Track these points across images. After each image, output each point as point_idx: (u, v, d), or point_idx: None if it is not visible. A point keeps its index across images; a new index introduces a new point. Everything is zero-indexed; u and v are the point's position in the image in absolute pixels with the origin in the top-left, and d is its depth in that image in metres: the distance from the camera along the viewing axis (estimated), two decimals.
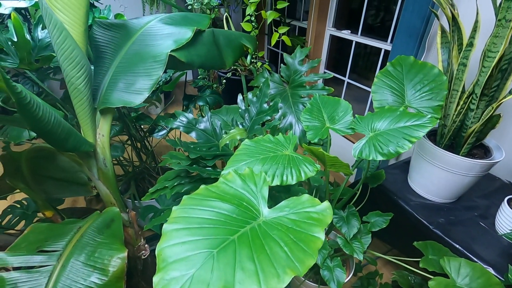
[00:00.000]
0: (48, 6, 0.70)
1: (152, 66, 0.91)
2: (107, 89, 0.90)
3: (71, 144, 0.76)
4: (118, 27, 1.04)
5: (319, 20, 2.50)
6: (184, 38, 0.98)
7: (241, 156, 0.77)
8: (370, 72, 2.27)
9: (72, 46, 0.75)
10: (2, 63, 1.08)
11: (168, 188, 0.98)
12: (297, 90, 1.30)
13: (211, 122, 1.04)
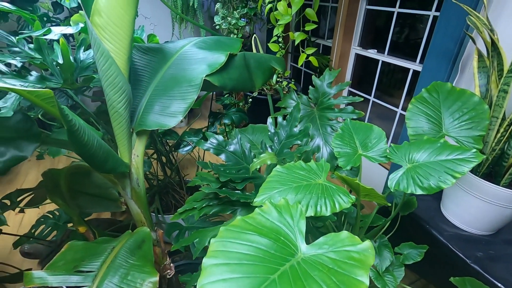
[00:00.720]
0: (97, 36, 0.75)
1: (187, 90, 0.93)
2: (144, 111, 0.94)
3: (109, 165, 0.79)
4: (155, 51, 1.09)
5: (345, 38, 2.50)
6: (218, 62, 1.00)
7: (273, 184, 0.76)
8: (396, 91, 2.23)
9: (116, 73, 0.78)
10: (47, 83, 1.15)
11: (196, 209, 0.98)
12: (325, 113, 1.29)
13: (241, 145, 1.05)
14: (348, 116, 1.21)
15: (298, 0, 1.51)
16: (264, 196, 0.73)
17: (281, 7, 1.57)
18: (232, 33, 2.24)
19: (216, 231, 0.94)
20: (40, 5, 2.62)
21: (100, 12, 0.74)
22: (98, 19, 0.74)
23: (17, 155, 0.62)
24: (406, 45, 2.11)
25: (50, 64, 1.22)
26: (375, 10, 2.29)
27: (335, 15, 2.58)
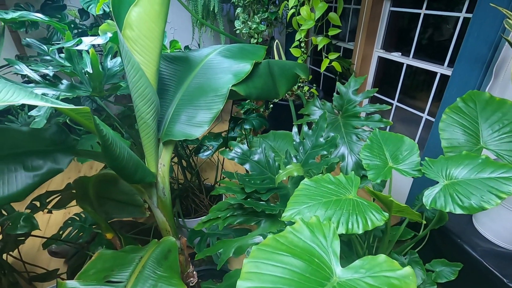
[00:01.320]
0: (128, 49, 0.76)
1: (213, 100, 0.93)
2: (170, 121, 0.94)
3: (138, 176, 0.80)
4: (180, 60, 1.10)
5: (367, 41, 2.43)
6: (244, 71, 1.00)
7: (301, 198, 0.75)
8: (422, 95, 2.14)
9: (146, 84, 0.79)
10: (77, 91, 1.19)
11: (221, 219, 0.98)
12: (350, 120, 1.26)
13: (265, 154, 1.04)
14: (375, 125, 1.17)
15: (321, 5, 1.49)
16: (292, 211, 0.72)
17: (304, 12, 1.55)
18: (253, 37, 2.23)
19: (240, 242, 0.93)
20: (68, 12, 2.72)
21: (132, 26, 0.75)
22: (129, 32, 0.75)
23: (54, 167, 0.63)
24: (433, 48, 2.03)
25: (80, 72, 1.25)
26: (400, 12, 2.22)
27: (356, 17, 2.52)
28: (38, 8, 2.72)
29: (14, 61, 1.15)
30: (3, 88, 0.48)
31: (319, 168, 0.93)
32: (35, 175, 0.60)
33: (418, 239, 0.93)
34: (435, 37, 2.01)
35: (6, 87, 0.48)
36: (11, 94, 0.46)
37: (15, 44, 3.08)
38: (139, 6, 0.73)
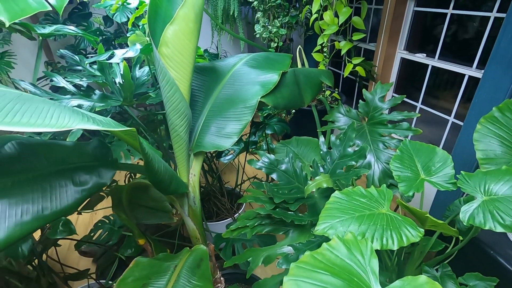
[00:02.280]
0: (163, 65, 0.78)
1: (243, 111, 0.95)
2: (201, 132, 0.97)
3: (173, 187, 0.82)
4: (208, 71, 1.12)
5: (390, 42, 2.38)
6: (271, 82, 1.01)
7: (333, 211, 0.75)
8: (448, 98, 2.08)
9: (179, 99, 0.82)
10: (109, 101, 1.24)
11: (249, 227, 1.00)
12: (377, 128, 1.24)
13: (292, 164, 1.05)
14: (403, 133, 1.15)
15: (345, 10, 1.47)
16: (325, 225, 0.72)
17: (327, 17, 1.54)
18: (273, 41, 2.24)
19: (269, 251, 0.95)
20: (93, 20, 2.82)
21: (167, 43, 0.77)
22: (165, 49, 0.78)
23: (99, 182, 0.67)
24: (460, 49, 1.96)
25: (111, 83, 1.31)
26: (425, 12, 2.16)
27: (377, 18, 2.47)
28: (66, 16, 2.84)
29: (52, 74, 1.22)
30: (60, 113, 0.51)
31: (348, 179, 0.93)
32: (83, 190, 0.64)
33: (452, 253, 0.91)
34: (463, 37, 1.94)
35: (62, 112, 0.51)
36: (68, 119, 0.49)
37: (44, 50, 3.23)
38: (174, 25, 0.76)
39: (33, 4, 0.65)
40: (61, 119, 0.49)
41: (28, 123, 0.45)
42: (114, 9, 1.27)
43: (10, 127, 0.43)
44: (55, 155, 0.70)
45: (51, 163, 0.67)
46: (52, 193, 0.60)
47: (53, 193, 0.61)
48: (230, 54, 3.74)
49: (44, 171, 0.63)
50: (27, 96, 0.54)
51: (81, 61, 1.47)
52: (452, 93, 2.04)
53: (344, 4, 1.52)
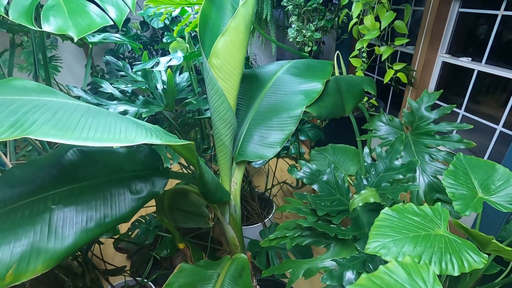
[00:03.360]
0: (213, 76, 0.79)
1: (286, 121, 0.94)
2: (243, 141, 0.97)
3: (218, 196, 0.83)
4: (249, 78, 1.12)
5: (430, 45, 2.27)
6: (315, 92, 0.99)
7: (385, 229, 0.72)
8: (494, 104, 1.94)
9: (227, 109, 0.83)
10: (151, 107, 1.28)
11: (288, 238, 0.98)
12: (422, 139, 1.18)
13: (334, 175, 1.02)
14: (453, 145, 1.08)
15: (388, 14, 1.42)
16: (376, 244, 0.69)
17: (368, 22, 1.49)
18: (306, 45, 2.21)
19: (310, 264, 0.93)
20: (131, 25, 2.95)
21: (218, 54, 0.78)
22: (215, 60, 0.79)
23: (153, 191, 0.69)
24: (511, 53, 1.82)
25: (153, 89, 1.35)
26: (471, 13, 2.03)
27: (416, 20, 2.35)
28: None
29: (100, 80, 1.28)
30: (126, 127, 0.53)
31: (396, 194, 0.89)
32: (138, 198, 0.66)
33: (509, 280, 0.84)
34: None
35: (128, 126, 0.53)
36: (134, 134, 0.51)
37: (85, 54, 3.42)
38: (226, 36, 0.77)
39: (98, 19, 0.69)
40: (128, 133, 0.51)
41: (101, 138, 0.47)
42: (162, 19, 1.31)
43: (87, 142, 0.45)
44: (111, 162, 0.74)
45: (109, 170, 0.69)
46: (112, 201, 0.63)
47: (113, 200, 0.63)
48: (260, 58, 3.75)
49: (104, 178, 0.66)
50: (94, 110, 0.57)
51: (124, 66, 1.53)
52: (501, 99, 1.90)
53: (386, 8, 1.47)
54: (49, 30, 0.62)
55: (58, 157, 0.70)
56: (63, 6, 0.66)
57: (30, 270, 0.50)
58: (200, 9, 1.11)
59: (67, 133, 0.45)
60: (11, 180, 0.63)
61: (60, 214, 0.56)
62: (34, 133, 0.42)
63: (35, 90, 0.58)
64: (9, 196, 0.59)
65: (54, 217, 0.55)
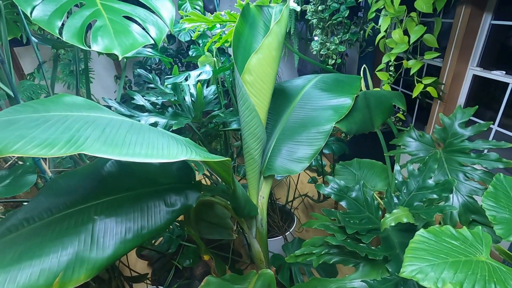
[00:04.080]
0: (245, 92, 0.81)
1: (315, 136, 0.94)
2: (271, 155, 0.98)
3: (246, 211, 0.84)
4: (277, 92, 1.13)
5: (460, 58, 2.20)
6: (345, 107, 0.98)
7: (421, 252, 0.69)
8: None
9: (257, 124, 0.84)
10: (180, 118, 1.32)
11: (315, 255, 0.97)
12: (456, 156, 1.13)
13: (363, 192, 1.00)
14: (490, 164, 1.03)
15: (417, 29, 1.40)
16: (413, 268, 0.66)
17: (396, 35, 1.48)
18: (330, 58, 2.21)
19: (338, 283, 0.91)
20: None
21: (251, 71, 0.80)
22: (248, 77, 0.81)
23: (186, 204, 0.71)
24: None
25: (182, 101, 1.39)
26: (504, 26, 1.95)
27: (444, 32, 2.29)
28: None
29: (133, 93, 1.34)
30: (168, 143, 0.55)
31: (430, 215, 0.86)
32: (173, 211, 0.68)
33: None
34: None
35: (169, 141, 0.55)
36: (175, 150, 0.53)
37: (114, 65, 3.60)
38: (259, 53, 0.78)
39: (140, 38, 0.73)
40: (170, 149, 0.53)
41: (146, 154, 0.49)
42: (196, 35, 1.36)
43: (134, 158, 0.47)
44: (146, 175, 0.76)
45: (145, 183, 0.71)
46: (148, 213, 0.65)
47: (149, 213, 0.65)
48: (281, 70, 3.78)
49: (141, 190, 0.68)
50: (136, 126, 0.59)
51: (153, 79, 1.59)
52: None
53: (415, 22, 1.45)
54: (97, 49, 0.66)
55: (98, 168, 0.74)
56: (110, 27, 0.71)
57: (74, 278, 0.52)
58: (231, 26, 1.14)
59: (116, 149, 0.47)
60: (56, 189, 0.66)
61: (102, 224, 0.58)
62: (87, 149, 0.44)
63: (83, 106, 0.61)
64: (54, 205, 0.63)
65: (96, 228, 0.57)
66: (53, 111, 0.54)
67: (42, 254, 0.51)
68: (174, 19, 0.83)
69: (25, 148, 0.42)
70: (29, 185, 0.98)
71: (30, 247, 0.52)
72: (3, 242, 0.54)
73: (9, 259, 0.49)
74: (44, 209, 0.62)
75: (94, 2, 0.74)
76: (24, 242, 0.53)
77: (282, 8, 0.84)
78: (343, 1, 1.96)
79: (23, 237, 0.54)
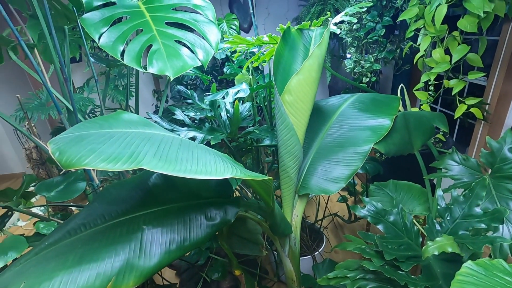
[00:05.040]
0: (284, 111, 0.83)
1: (352, 157, 0.93)
2: (307, 174, 0.98)
3: (281, 229, 0.84)
4: (313, 111, 1.14)
5: (507, 77, 2.07)
6: (384, 128, 0.97)
7: (470, 287, 0.65)
8: None
9: (295, 142, 0.85)
10: (216, 133, 1.37)
11: (349, 279, 0.94)
12: (506, 183, 1.06)
13: (402, 216, 0.96)
14: None
15: (460, 48, 1.35)
16: None
17: (437, 55, 1.44)
18: (365, 76, 2.19)
19: None
20: None
21: (291, 91, 0.82)
22: (288, 97, 0.83)
23: (225, 219, 0.73)
24: None
25: (218, 117, 1.45)
26: None
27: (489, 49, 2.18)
28: None
29: (173, 108, 1.42)
30: (215, 160, 0.58)
31: (478, 246, 0.80)
32: (213, 225, 0.70)
33: None
34: None
35: (215, 159, 0.58)
36: (222, 168, 0.56)
37: (153, 80, 3.83)
38: (300, 74, 0.81)
39: (189, 61, 0.78)
40: (218, 166, 0.56)
41: (196, 171, 0.52)
42: (236, 56, 1.43)
43: (186, 174, 0.51)
44: (187, 188, 0.80)
45: (187, 196, 0.75)
46: (191, 225, 0.68)
47: (192, 225, 0.68)
48: None
49: (184, 203, 0.72)
50: (185, 143, 0.63)
51: (191, 95, 1.68)
52: None
53: (458, 41, 1.40)
54: (152, 71, 0.73)
55: (145, 180, 0.79)
56: (163, 51, 0.78)
57: (124, 284, 0.56)
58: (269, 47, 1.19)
59: (171, 165, 0.51)
60: (108, 197, 0.72)
61: (149, 234, 0.62)
62: (146, 165, 0.48)
63: (138, 123, 0.67)
64: (107, 212, 0.68)
65: (144, 237, 0.61)
66: (114, 127, 0.60)
67: (99, 259, 0.55)
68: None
69: (94, 162, 0.47)
70: (79, 191, 1.06)
71: (89, 251, 0.56)
72: (65, 244, 0.59)
73: (71, 260, 0.54)
74: (99, 215, 0.67)
75: (150, 28, 0.81)
76: (83, 246, 0.58)
77: (323, 31, 0.86)
78: (379, 20, 1.95)
79: (82, 241, 0.59)
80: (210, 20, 0.89)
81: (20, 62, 1.06)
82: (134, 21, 0.80)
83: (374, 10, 1.94)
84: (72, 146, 0.50)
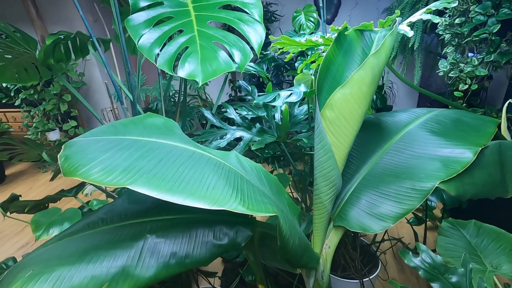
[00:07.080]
0: (323, 129, 0.71)
1: (408, 193, 0.74)
2: (347, 202, 0.83)
3: (303, 261, 0.74)
4: (370, 126, 0.96)
5: None
6: (461, 163, 0.74)
7: None
8: None
9: (332, 166, 0.72)
10: (265, 135, 1.31)
11: None
12: None
13: (470, 280, 0.73)
14: None
15: None
16: None
17: None
18: (463, 82, 1.77)
19: None
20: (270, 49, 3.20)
21: (333, 107, 0.69)
22: (328, 112, 0.70)
23: (235, 241, 0.67)
24: None
25: (270, 119, 1.38)
26: None
27: None
28: None
29: (227, 105, 1.41)
30: (214, 184, 0.52)
31: None
32: (220, 245, 0.65)
33: None
34: None
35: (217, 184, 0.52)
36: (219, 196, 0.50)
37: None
38: (345, 88, 0.67)
39: (223, 65, 0.73)
40: (214, 192, 0.50)
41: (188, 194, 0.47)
42: (288, 58, 1.33)
43: (173, 198, 0.46)
44: None
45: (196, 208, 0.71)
46: (196, 241, 0.64)
47: (197, 241, 0.64)
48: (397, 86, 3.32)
49: (192, 216, 0.69)
50: (196, 156, 0.59)
51: (251, 91, 1.64)
52: None
53: None
54: (181, 75, 0.71)
55: None
56: (199, 53, 0.74)
57: None
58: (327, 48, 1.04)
59: (160, 186, 0.47)
60: (132, 195, 0.74)
61: (151, 244, 0.61)
62: (131, 185, 0.46)
63: (159, 128, 0.66)
64: (125, 212, 0.70)
65: (146, 246, 0.61)
66: (129, 134, 0.60)
67: (98, 260, 0.56)
68: (263, 41, 0.80)
69: (88, 173, 0.47)
70: None
71: (92, 249, 0.59)
72: (79, 238, 0.64)
73: (75, 256, 0.57)
74: (118, 213, 0.70)
75: (191, 28, 0.79)
76: (91, 243, 0.61)
77: (386, 34, 0.69)
78: (493, 13, 1.52)
79: (92, 238, 0.62)
80: (255, 19, 0.81)
81: (96, 55, 1.19)
82: (177, 21, 0.79)
83: (487, 0, 1.52)
84: (78, 152, 0.51)
